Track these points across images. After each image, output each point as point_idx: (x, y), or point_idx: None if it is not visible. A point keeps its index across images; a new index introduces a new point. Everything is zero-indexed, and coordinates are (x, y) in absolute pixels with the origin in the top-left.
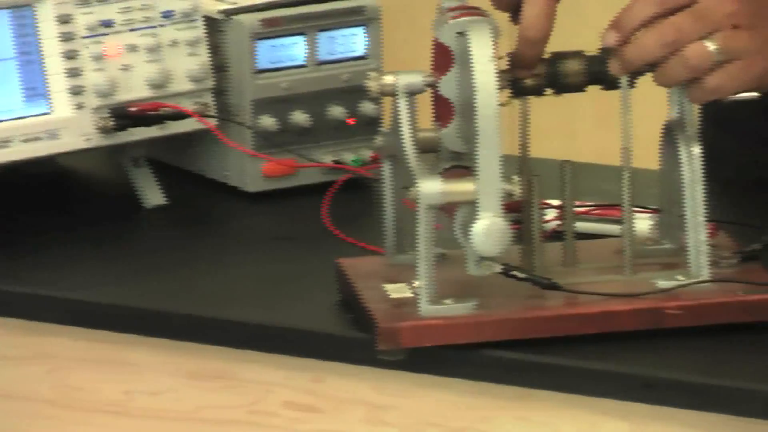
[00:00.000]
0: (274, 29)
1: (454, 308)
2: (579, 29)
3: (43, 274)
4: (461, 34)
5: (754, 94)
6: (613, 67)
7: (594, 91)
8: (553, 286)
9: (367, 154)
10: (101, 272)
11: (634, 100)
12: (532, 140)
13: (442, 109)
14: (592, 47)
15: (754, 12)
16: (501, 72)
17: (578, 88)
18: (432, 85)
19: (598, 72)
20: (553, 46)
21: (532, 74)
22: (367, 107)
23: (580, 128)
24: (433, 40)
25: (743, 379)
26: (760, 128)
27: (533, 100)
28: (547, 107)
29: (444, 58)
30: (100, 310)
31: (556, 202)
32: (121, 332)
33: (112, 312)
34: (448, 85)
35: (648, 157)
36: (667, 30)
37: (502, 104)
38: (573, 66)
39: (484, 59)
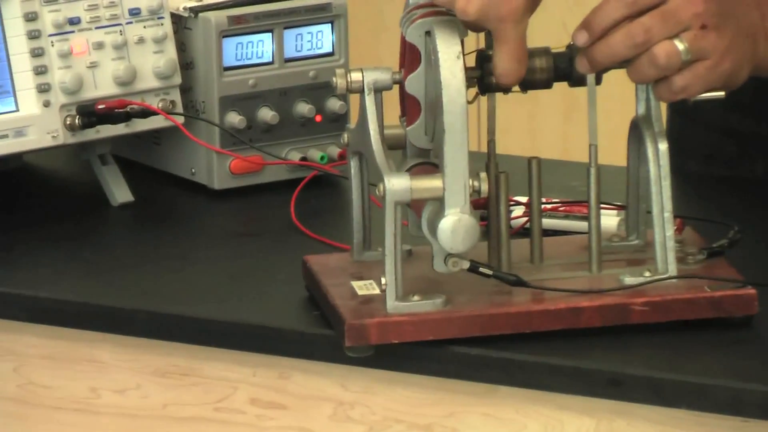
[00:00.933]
0: (241, 26)
1: (421, 305)
2: (545, 24)
3: (8, 271)
4: (428, 33)
5: (720, 93)
6: (582, 65)
7: (560, 87)
8: (520, 283)
9: (334, 151)
10: (67, 269)
11: (601, 96)
12: (498, 137)
13: (410, 107)
14: (556, 41)
15: (721, 12)
16: (467, 69)
17: (545, 84)
18: (399, 82)
19: (565, 68)
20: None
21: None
22: (333, 104)
23: (546, 125)
24: (401, 38)
25: (708, 375)
26: (726, 121)
27: (499, 96)
28: (513, 104)
29: (411, 56)
30: (66, 307)
31: (523, 199)
32: (87, 330)
33: (77, 310)
34: (416, 83)
35: (615, 153)
36: (637, 30)
37: (469, 102)
38: (540, 63)
39: (451, 57)
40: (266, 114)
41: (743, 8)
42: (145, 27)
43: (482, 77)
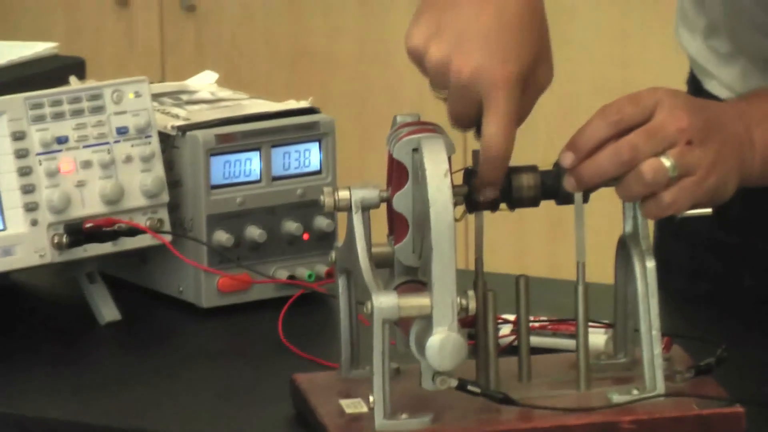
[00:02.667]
0: (229, 145)
1: (409, 423)
2: (532, 141)
3: None
4: (415, 150)
5: (707, 210)
6: (570, 184)
7: (547, 205)
8: (508, 401)
9: (321, 269)
10: (55, 388)
11: (588, 213)
12: (486, 255)
13: (397, 225)
14: (543, 158)
15: (706, 126)
16: (455, 187)
17: (532, 202)
18: (386, 200)
19: (552, 186)
20: None
21: (493, 191)
22: (321, 222)
23: (533, 242)
24: (388, 156)
25: None
26: (712, 236)
27: (486, 214)
28: (500, 221)
29: (399, 173)
30: (54, 426)
31: (511, 317)
32: None
33: (66, 429)
34: (403, 201)
35: (602, 270)
36: (623, 149)
37: (457, 219)
38: (527, 180)
39: (439, 175)
40: (254, 232)
41: (727, 121)
42: (132, 146)
43: (469, 194)
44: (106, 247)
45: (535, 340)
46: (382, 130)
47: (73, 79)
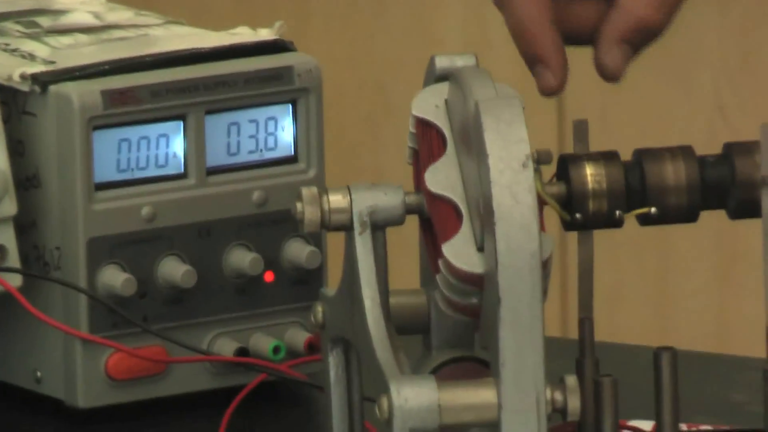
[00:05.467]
0: (128, 110)
1: None
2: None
3: None
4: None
5: None
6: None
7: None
8: None
9: (297, 337)
10: None
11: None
12: (602, 310)
13: (439, 217)
14: None
15: None
16: (546, 185)
17: (687, 213)
18: (417, 210)
19: (722, 183)
20: None
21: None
22: (296, 252)
23: (685, 265)
24: (416, 125)
25: None
26: None
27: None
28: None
29: (429, 143)
30: None
31: (647, 425)
32: None
33: None
34: (444, 174)
35: None
36: None
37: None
38: (675, 173)
39: (511, 165)
40: (174, 270)
41: None
42: None
43: (569, 201)
44: None
45: None
46: (407, 85)
47: None
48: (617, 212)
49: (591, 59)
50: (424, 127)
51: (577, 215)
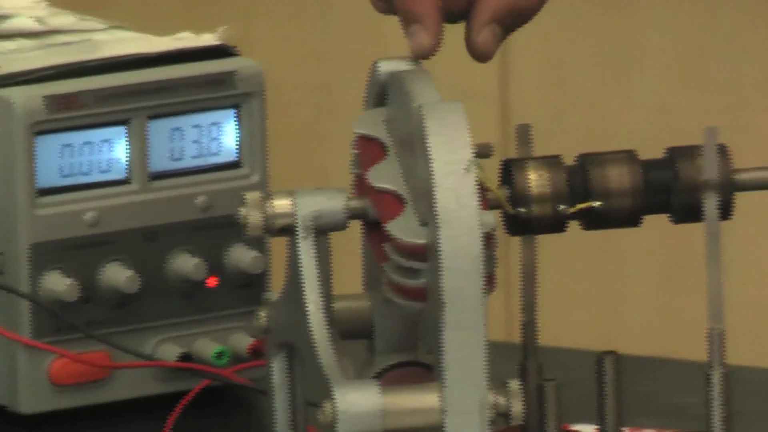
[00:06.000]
0: (71, 115)
1: None
2: None
3: None
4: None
5: None
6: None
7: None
8: None
9: (241, 342)
10: None
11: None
12: (547, 315)
13: (381, 205)
14: None
15: None
16: (486, 191)
17: (629, 217)
18: (360, 215)
19: (663, 186)
20: None
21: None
22: (240, 257)
23: (632, 284)
24: (358, 142)
25: None
26: None
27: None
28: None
29: (369, 153)
30: None
31: (589, 429)
32: None
33: None
34: (386, 173)
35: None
36: None
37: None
38: (618, 176)
39: (455, 169)
40: (117, 275)
41: None
42: None
43: (513, 204)
44: None
45: None
46: (352, 87)
47: None
48: (561, 207)
49: (530, 59)
50: (366, 142)
51: (521, 209)
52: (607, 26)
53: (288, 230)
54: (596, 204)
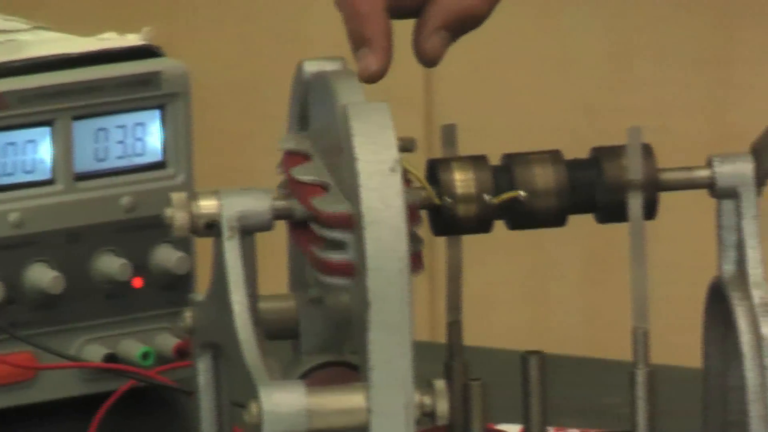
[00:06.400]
0: None
1: None
2: None
3: None
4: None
5: None
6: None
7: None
8: None
9: (167, 343)
10: None
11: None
12: (471, 310)
13: (305, 192)
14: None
15: None
16: (411, 191)
17: (555, 217)
18: (286, 216)
19: (590, 187)
20: None
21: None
22: (165, 257)
23: (546, 291)
24: (283, 161)
25: None
26: None
27: (471, 240)
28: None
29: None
30: None
31: (514, 428)
32: None
33: None
34: (311, 170)
35: (681, 338)
36: None
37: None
38: (543, 176)
39: (380, 168)
40: (42, 276)
41: None
42: None
43: (440, 205)
44: None
45: None
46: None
47: None
48: (486, 196)
49: (455, 59)
50: (292, 156)
51: (447, 199)
52: (531, 26)
53: (214, 230)
54: (522, 194)
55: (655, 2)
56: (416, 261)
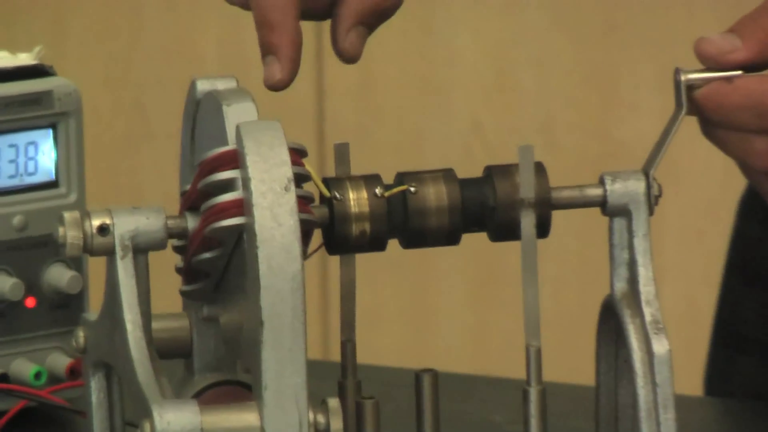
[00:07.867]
0: None
1: None
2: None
3: None
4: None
5: None
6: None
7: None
8: None
9: (59, 362)
10: None
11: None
12: (364, 329)
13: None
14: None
15: None
16: (303, 209)
17: (448, 235)
18: (179, 234)
19: (484, 205)
20: None
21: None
22: (57, 276)
23: (445, 309)
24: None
25: None
26: None
27: (365, 258)
28: (388, 270)
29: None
30: None
31: None
32: None
33: None
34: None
35: (577, 355)
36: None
37: (306, 257)
38: (436, 194)
39: (273, 187)
40: None
41: None
42: None
43: (331, 222)
44: None
45: None
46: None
47: None
48: (377, 190)
49: (345, 77)
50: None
51: (336, 194)
52: (420, 43)
53: (106, 250)
54: (412, 189)
55: (539, 19)
56: (306, 238)
